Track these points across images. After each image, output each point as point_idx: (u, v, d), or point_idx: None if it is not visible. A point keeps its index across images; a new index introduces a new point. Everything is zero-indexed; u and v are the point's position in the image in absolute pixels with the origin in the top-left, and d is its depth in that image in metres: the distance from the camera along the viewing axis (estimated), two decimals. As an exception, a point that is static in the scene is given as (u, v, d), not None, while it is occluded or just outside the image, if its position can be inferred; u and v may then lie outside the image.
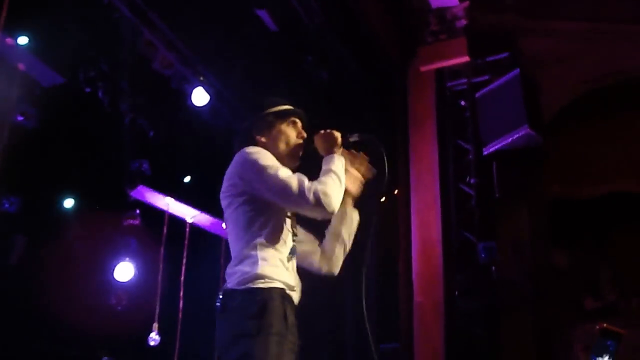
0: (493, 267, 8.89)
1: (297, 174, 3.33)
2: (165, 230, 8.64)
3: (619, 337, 1.34)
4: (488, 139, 9.22)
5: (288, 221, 3.46)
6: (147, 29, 8.07)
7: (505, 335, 9.06)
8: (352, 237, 3.97)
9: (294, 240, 3.51)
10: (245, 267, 3.23)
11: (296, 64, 9.01)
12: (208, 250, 8.97)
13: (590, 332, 9.13)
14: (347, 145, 3.64)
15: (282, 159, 3.49)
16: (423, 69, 9.86)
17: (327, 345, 9.53)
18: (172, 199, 8.60)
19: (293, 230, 3.53)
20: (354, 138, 3.67)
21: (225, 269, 7.06)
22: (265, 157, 3.35)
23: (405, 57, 9.98)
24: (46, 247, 8.51)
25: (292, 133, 3.64)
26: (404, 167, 9.56)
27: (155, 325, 8.34)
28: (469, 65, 9.80)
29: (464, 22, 9.80)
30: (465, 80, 9.83)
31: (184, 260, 8.67)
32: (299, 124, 3.70)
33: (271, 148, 3.53)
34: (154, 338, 8.30)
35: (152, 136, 8.89)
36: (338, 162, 3.45)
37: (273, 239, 3.33)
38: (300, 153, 3.64)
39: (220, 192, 3.49)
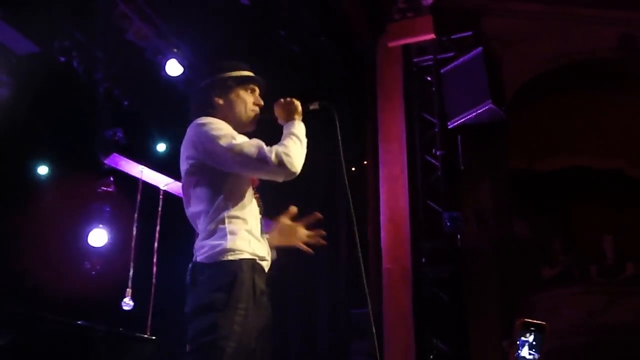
0: (458, 236, 9.18)
1: (254, 139, 3.28)
2: (138, 197, 8.71)
3: (541, 328, 1.48)
4: (453, 113, 9.52)
5: (251, 191, 3.40)
6: (122, 1, 8.19)
7: (471, 301, 9.38)
8: None
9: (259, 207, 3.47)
10: (214, 241, 3.18)
11: (268, 37, 9.17)
12: (181, 217, 9.08)
13: (549, 300, 9.50)
14: (306, 113, 3.57)
15: (236, 125, 3.43)
16: (391, 45, 10.13)
17: (299, 314, 9.73)
18: (146, 167, 8.69)
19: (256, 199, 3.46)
20: (313, 106, 3.63)
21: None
22: (219, 127, 3.27)
23: (374, 33, 10.24)
24: (20, 213, 8.57)
25: (249, 99, 3.54)
26: (373, 139, 9.82)
27: (129, 291, 8.40)
28: (435, 42, 10.11)
29: (430, 0, 10.09)
30: (431, 56, 10.12)
31: (157, 227, 8.76)
32: (257, 91, 3.61)
33: (227, 112, 3.47)
34: (127, 303, 8.37)
35: (126, 105, 8.99)
36: (299, 127, 3.45)
37: (239, 211, 3.27)
38: (255, 121, 3.57)
39: (182, 173, 3.42)
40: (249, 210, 3.33)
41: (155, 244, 8.79)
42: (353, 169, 10.32)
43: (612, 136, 11.45)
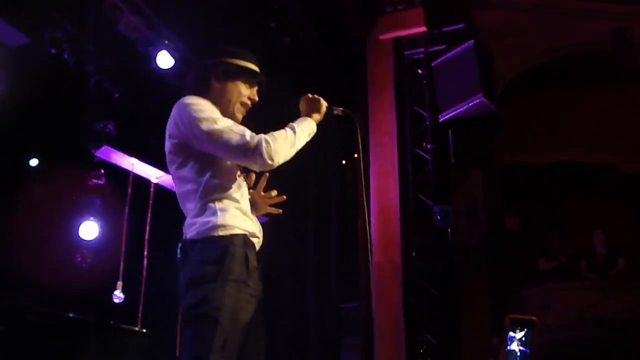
0: (449, 230, 9.20)
1: (238, 125, 3.26)
2: (129, 190, 8.69)
3: (532, 324, 1.45)
4: (444, 106, 9.52)
5: (237, 168, 3.37)
6: (112, -8, 8.17)
7: (462, 295, 9.41)
8: None
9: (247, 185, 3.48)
10: (204, 218, 3.15)
11: (259, 29, 9.15)
12: (172, 210, 9.07)
13: (540, 294, 9.53)
14: (328, 116, 3.60)
15: (223, 113, 3.36)
16: (382, 37, 10.12)
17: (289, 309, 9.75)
18: (137, 160, 8.67)
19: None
20: (337, 111, 3.67)
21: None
22: (202, 108, 3.24)
23: (365, 25, 10.22)
24: (10, 205, 8.54)
25: (245, 92, 3.49)
26: (363, 132, 9.81)
27: (120, 284, 8.39)
28: (426, 35, 10.12)
29: (421, -7, 10.09)
30: (422, 49, 10.13)
31: (148, 220, 8.75)
32: (256, 88, 3.58)
33: (219, 97, 3.42)
34: (118, 296, 8.37)
35: (117, 97, 8.96)
36: (307, 124, 3.46)
37: (228, 189, 3.25)
38: (243, 115, 3.52)
39: (166, 150, 3.38)
40: (237, 187, 3.31)
41: (146, 237, 8.79)
42: (343, 162, 10.34)
43: (604, 131, 11.47)
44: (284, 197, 3.75)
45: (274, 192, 3.75)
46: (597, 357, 10.00)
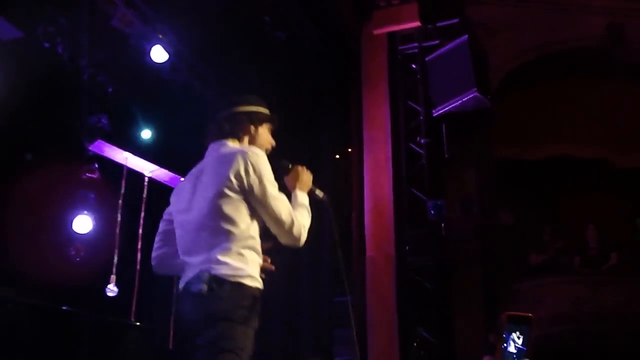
0: (442, 224, 9.21)
1: (288, 203, 3.61)
2: (123, 184, 8.71)
3: (528, 320, 1.46)
4: (438, 101, 9.53)
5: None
6: (106, -14, 8.17)
7: (455, 289, 9.44)
8: None
9: None
10: (237, 263, 3.42)
11: (254, 23, 9.17)
12: (166, 204, 9.08)
13: (534, 288, 9.55)
14: (309, 194, 3.90)
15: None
16: (376, 32, 10.14)
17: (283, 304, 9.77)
18: (131, 154, 8.69)
19: None
20: (318, 193, 4.02)
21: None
22: (269, 168, 3.57)
23: (359, 20, 10.24)
24: (4, 199, 8.54)
25: (269, 137, 3.90)
26: (357, 126, 9.83)
27: (113, 277, 8.41)
28: (420, 30, 10.13)
29: (415, -12, 10.10)
30: (416, 44, 10.14)
31: (142, 214, 8.77)
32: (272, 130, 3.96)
33: (253, 140, 3.82)
34: (111, 289, 8.38)
35: (111, 92, 8.95)
36: (307, 199, 3.82)
37: (257, 242, 3.54)
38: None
39: (218, 180, 3.56)
40: (259, 242, 3.60)
41: (140, 231, 8.81)
42: (337, 156, 10.36)
43: (597, 125, 11.51)
44: (273, 268, 3.85)
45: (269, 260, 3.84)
46: (590, 350, 10.04)
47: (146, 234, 8.80)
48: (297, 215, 3.62)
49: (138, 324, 8.15)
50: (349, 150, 10.08)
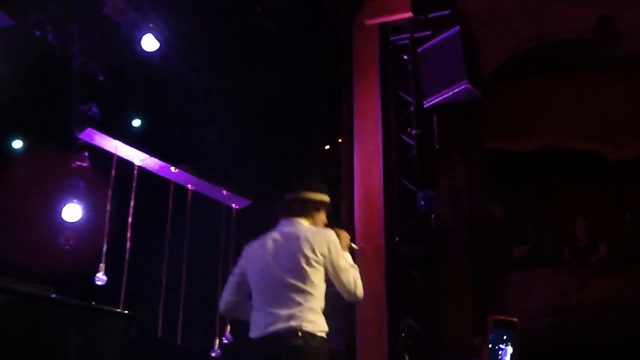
0: (432, 215, 9.22)
1: (355, 274, 4.43)
2: (113, 173, 8.71)
3: (513, 325, 1.46)
4: (429, 92, 9.52)
5: None
6: (97, -26, 8.15)
7: (444, 280, 9.45)
8: None
9: None
10: (321, 321, 4.29)
11: (245, 13, 9.16)
12: (155, 193, 9.10)
13: (523, 280, 9.56)
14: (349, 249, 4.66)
15: None
16: (368, 22, 10.12)
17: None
18: (121, 142, 8.68)
19: None
20: (355, 246, 4.88)
21: (172, 212, 8.21)
22: (340, 247, 4.43)
23: (351, 10, 10.21)
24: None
25: (324, 219, 4.65)
26: (348, 117, 9.83)
27: (102, 266, 8.41)
28: (412, 20, 10.10)
29: (407, -22, 10.07)
30: (408, 35, 10.12)
31: (132, 203, 8.77)
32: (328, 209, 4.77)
33: (314, 222, 4.56)
34: (100, 278, 8.37)
35: (101, 80, 8.95)
36: (351, 259, 4.55)
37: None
38: None
39: (304, 253, 4.35)
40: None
41: (130, 220, 8.81)
42: (327, 147, 10.37)
43: (588, 118, 11.50)
44: None
45: None
46: (578, 342, 10.05)
47: (136, 223, 8.82)
48: (356, 277, 4.44)
49: (127, 312, 8.15)
50: (339, 140, 10.08)
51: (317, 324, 4.24)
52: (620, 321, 10.05)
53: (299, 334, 4.20)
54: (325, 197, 4.70)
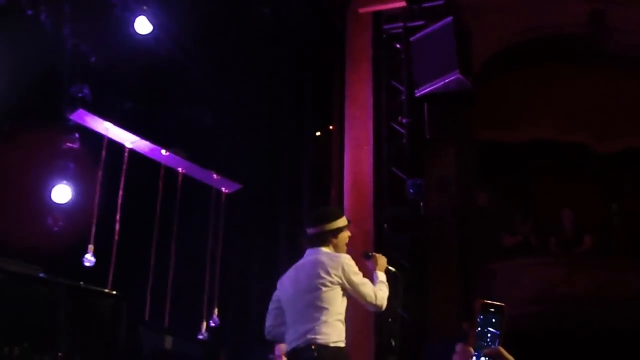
0: (421, 203, 9.27)
1: (372, 287, 5.14)
2: (104, 155, 8.70)
3: (500, 309, 1.49)
4: (421, 81, 9.55)
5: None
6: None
7: (431, 267, 9.51)
8: None
9: None
10: (336, 332, 4.97)
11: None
12: (145, 176, 9.09)
13: (509, 269, 9.63)
14: (386, 271, 5.49)
15: (343, 250, 5.30)
16: (361, 10, 10.14)
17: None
18: (112, 124, 8.67)
19: None
20: (391, 268, 5.66)
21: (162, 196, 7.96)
22: (355, 267, 5.14)
23: (345, -2, 10.24)
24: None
25: (346, 237, 5.38)
26: (339, 104, 9.86)
27: (91, 247, 8.42)
28: (406, 10, 10.11)
29: (402, -32, 10.09)
30: (401, 24, 10.13)
31: (122, 185, 8.77)
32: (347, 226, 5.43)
33: (336, 247, 5.25)
34: (89, 259, 8.38)
35: (93, 62, 8.93)
36: (384, 277, 5.38)
37: (344, 315, 5.11)
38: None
39: (319, 271, 5.07)
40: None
41: (119, 202, 8.81)
42: (318, 133, 10.39)
43: (577, 111, 11.57)
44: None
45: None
46: (561, 332, 10.15)
47: (125, 205, 8.82)
48: (377, 290, 5.13)
49: (115, 292, 8.15)
50: (331, 127, 10.11)
51: (331, 335, 4.92)
52: (603, 312, 10.15)
53: (313, 347, 4.90)
54: (340, 223, 5.35)
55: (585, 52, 11.26)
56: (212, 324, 9.13)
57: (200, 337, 9.01)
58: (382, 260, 5.50)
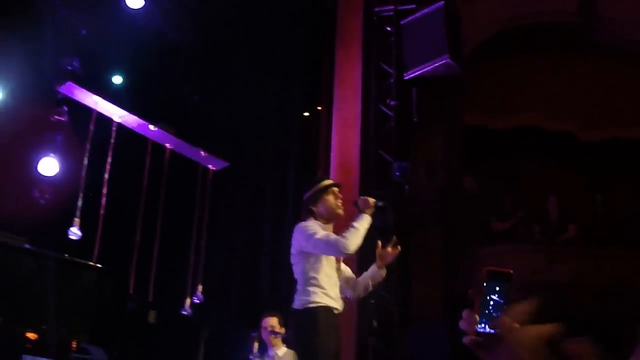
0: (406, 186, 9.30)
1: (328, 233, 5.18)
2: (92, 128, 8.70)
3: (508, 277, 1.49)
4: (410, 64, 9.57)
5: (332, 264, 5.35)
6: None
7: (415, 250, 9.55)
8: (374, 284, 5.85)
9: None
10: (303, 297, 5.20)
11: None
12: (134, 150, 9.11)
13: (492, 255, 9.67)
14: (376, 208, 5.46)
15: (327, 219, 5.37)
16: (353, -8, 10.14)
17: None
18: (101, 98, 8.67)
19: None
20: (380, 203, 5.53)
21: (149, 172, 8.11)
22: (310, 227, 5.18)
23: (337, -21, 10.22)
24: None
25: (332, 200, 5.37)
26: (328, 85, 9.87)
27: (77, 220, 8.42)
28: (397, -8, 10.11)
29: (394, -50, 10.08)
30: (392, 7, 10.11)
31: (109, 159, 8.78)
32: (336, 189, 5.47)
33: (319, 213, 5.32)
34: (74, 232, 8.38)
35: (84, 34, 8.91)
36: (363, 221, 5.30)
37: (318, 279, 5.23)
38: (340, 209, 5.46)
39: (290, 251, 5.33)
40: (326, 277, 5.26)
41: (106, 176, 8.82)
42: (306, 113, 10.40)
43: (566, 99, 11.62)
44: (399, 248, 5.78)
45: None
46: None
47: (112, 178, 8.83)
48: (342, 234, 5.11)
49: (99, 265, 8.19)
50: (319, 108, 10.12)
51: (301, 300, 5.17)
52: (584, 301, 10.22)
53: (290, 315, 5.38)
54: (319, 186, 5.42)
55: (575, 41, 11.30)
56: (196, 301, 9.18)
57: (184, 312, 9.05)
58: (367, 202, 5.44)
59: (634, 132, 11.61)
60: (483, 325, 1.59)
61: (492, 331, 1.58)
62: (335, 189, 5.49)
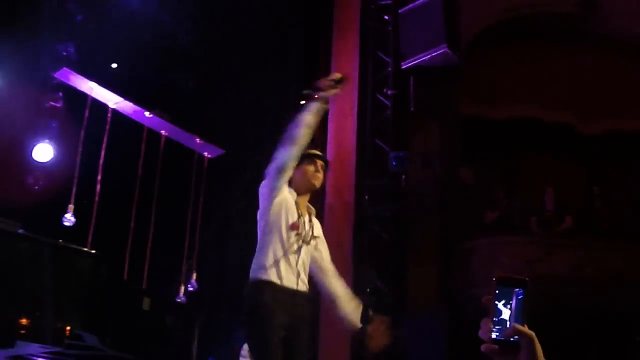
0: (403, 176, 9.27)
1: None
2: (87, 114, 8.67)
3: (522, 283, 1.42)
4: (407, 54, 9.53)
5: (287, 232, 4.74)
6: None
7: (411, 240, 9.52)
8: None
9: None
10: (254, 267, 4.64)
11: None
12: (128, 137, 9.08)
13: (489, 246, 9.63)
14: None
15: (303, 187, 4.86)
16: (350, -20, 10.09)
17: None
18: (96, 84, 8.64)
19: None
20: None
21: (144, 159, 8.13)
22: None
23: (335, -34, 10.17)
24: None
25: (311, 169, 4.87)
26: (325, 73, 9.79)
27: (71, 207, 8.41)
28: (395, -19, 10.06)
29: (393, -62, 10.03)
30: (390, -5, 10.08)
31: (104, 145, 8.75)
32: (318, 161, 4.97)
33: (295, 180, 4.84)
34: (68, 219, 8.37)
35: (79, 20, 8.87)
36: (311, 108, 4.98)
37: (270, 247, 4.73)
38: (317, 180, 4.90)
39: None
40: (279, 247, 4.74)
41: (101, 162, 8.80)
42: (302, 102, 10.35)
43: (564, 91, 11.56)
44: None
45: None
46: (538, 311, 10.18)
47: (107, 165, 8.81)
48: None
49: (93, 251, 8.16)
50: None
51: (252, 270, 4.67)
52: (581, 293, 10.19)
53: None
54: (303, 152, 4.90)
55: (574, 32, 11.24)
56: (190, 288, 9.16)
57: (178, 300, 9.03)
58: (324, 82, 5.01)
59: (632, 124, 11.55)
60: (497, 333, 1.57)
61: (511, 339, 1.56)
62: (320, 162, 5.00)
